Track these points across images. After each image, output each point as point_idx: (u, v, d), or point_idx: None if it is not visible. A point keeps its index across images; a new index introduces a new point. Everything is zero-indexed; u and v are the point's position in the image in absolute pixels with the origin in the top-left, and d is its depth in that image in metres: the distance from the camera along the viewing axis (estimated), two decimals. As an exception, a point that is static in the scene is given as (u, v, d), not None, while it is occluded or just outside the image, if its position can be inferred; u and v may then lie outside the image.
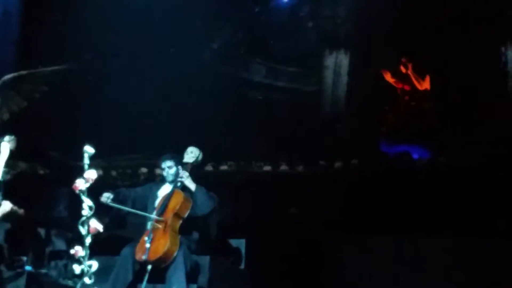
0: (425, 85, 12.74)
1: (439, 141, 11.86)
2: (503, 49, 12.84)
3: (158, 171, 10.33)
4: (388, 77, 12.74)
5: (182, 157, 7.31)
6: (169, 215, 6.91)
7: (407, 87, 12.81)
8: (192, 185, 7.13)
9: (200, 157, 7.31)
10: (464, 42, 12.76)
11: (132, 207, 7.20)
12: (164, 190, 7.28)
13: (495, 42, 12.87)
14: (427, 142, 11.99)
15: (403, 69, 12.72)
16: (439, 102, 12.54)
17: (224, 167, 11.35)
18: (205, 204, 7.13)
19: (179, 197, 7.01)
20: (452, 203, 9.91)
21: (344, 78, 13.52)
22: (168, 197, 7.03)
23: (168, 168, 7.29)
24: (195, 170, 7.34)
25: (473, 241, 9.27)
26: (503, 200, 9.79)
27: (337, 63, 13.56)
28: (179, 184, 7.14)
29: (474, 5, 12.50)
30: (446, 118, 12.33)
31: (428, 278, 9.08)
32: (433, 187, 10.27)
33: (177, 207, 6.95)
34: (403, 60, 12.69)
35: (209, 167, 10.88)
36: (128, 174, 11.14)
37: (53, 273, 8.83)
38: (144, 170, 11.09)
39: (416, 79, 12.71)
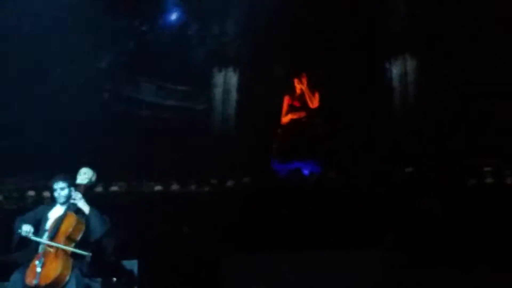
0: (315, 101, 12.96)
1: (329, 157, 12.10)
2: (387, 65, 13.26)
3: (46, 194, 10.08)
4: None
5: (75, 178, 7.15)
6: (61, 238, 6.74)
7: (296, 103, 12.99)
8: (86, 208, 6.97)
9: (94, 178, 7.16)
10: (351, 58, 13.10)
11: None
12: (56, 212, 7.08)
13: (380, 58, 13.28)
14: (317, 158, 12.19)
15: (297, 84, 12.92)
16: (328, 118, 12.79)
17: (114, 188, 11.18)
18: (98, 228, 6.98)
19: (71, 220, 6.84)
20: (341, 217, 10.13)
21: (234, 96, 13.62)
22: (60, 220, 6.84)
23: (60, 189, 7.09)
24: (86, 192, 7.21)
25: (361, 253, 9.50)
26: (389, 213, 10.09)
27: (226, 81, 13.66)
28: (72, 206, 6.98)
29: (360, 22, 12.86)
30: (335, 134, 12.59)
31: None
32: (323, 202, 10.47)
33: (70, 230, 6.78)
34: (301, 74, 12.90)
35: (99, 188, 10.68)
36: (15, 198, 10.81)
37: None
38: (31, 193, 10.79)
39: (308, 95, 12.93)
